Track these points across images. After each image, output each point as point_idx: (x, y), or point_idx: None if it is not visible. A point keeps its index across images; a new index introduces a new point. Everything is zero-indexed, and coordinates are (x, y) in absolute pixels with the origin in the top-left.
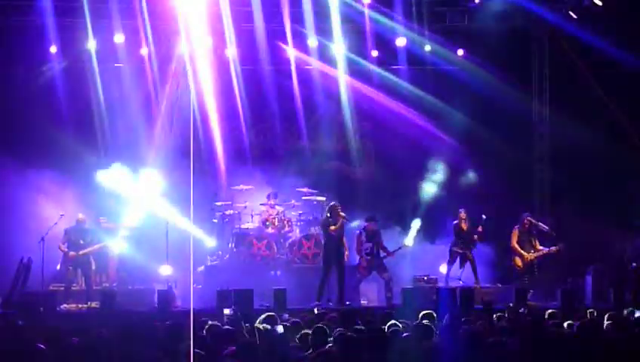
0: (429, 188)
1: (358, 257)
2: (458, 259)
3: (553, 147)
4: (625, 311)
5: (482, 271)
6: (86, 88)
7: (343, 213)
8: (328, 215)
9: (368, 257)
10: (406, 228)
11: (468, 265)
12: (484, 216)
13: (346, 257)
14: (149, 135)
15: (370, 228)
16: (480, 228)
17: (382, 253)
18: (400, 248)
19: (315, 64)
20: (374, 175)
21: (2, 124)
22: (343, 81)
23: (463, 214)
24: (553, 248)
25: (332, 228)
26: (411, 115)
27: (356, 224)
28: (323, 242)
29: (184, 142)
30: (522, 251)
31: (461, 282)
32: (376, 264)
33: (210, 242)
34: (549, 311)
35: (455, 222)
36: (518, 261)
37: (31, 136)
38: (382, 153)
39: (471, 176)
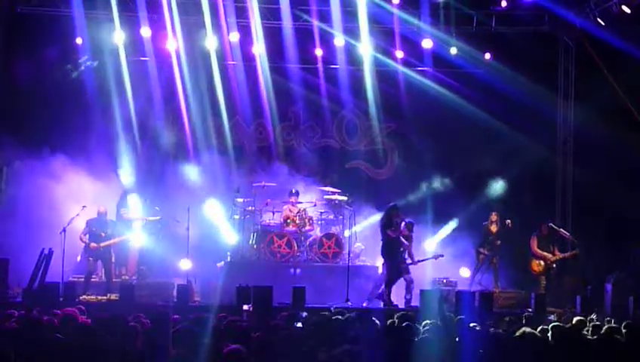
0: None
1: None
2: (486, 261)
3: (578, 150)
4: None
5: (503, 276)
6: (112, 81)
7: (400, 215)
8: (387, 218)
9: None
10: (426, 229)
11: (489, 269)
12: (508, 222)
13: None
14: (174, 129)
15: (406, 234)
16: (509, 224)
17: (408, 258)
18: (427, 259)
19: (341, 63)
20: (398, 176)
21: (27, 113)
22: (369, 80)
23: (494, 217)
24: (569, 253)
25: (390, 231)
26: (436, 116)
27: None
28: (382, 243)
29: (208, 138)
30: (545, 253)
31: (480, 285)
32: (403, 267)
33: (231, 238)
34: (577, 318)
35: (485, 223)
36: (535, 266)
37: (56, 126)
38: (406, 154)
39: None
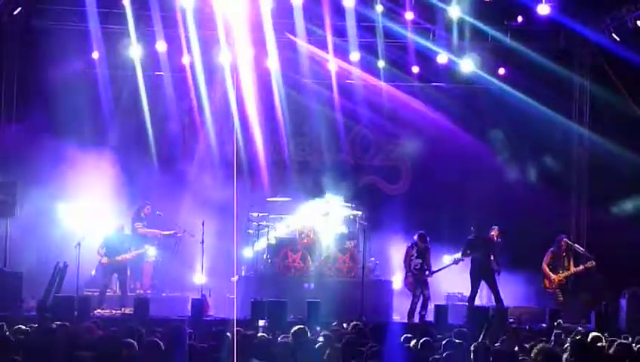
0: None
1: (404, 271)
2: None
3: (592, 167)
4: None
5: (517, 291)
6: (127, 95)
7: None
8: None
9: (417, 273)
10: (440, 246)
11: (501, 282)
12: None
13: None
14: (190, 145)
15: (421, 246)
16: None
17: (427, 271)
18: (446, 267)
19: (356, 78)
20: (411, 192)
21: (40, 128)
22: (384, 95)
23: (495, 231)
24: (583, 266)
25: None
26: (452, 132)
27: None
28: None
29: (223, 153)
30: (550, 273)
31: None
32: (422, 280)
33: (245, 252)
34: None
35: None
36: (546, 282)
37: (69, 142)
38: (419, 170)
39: None
